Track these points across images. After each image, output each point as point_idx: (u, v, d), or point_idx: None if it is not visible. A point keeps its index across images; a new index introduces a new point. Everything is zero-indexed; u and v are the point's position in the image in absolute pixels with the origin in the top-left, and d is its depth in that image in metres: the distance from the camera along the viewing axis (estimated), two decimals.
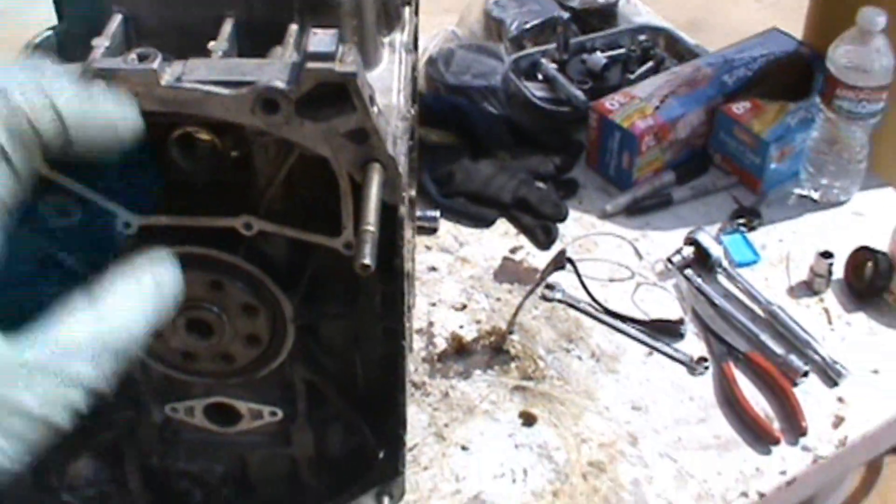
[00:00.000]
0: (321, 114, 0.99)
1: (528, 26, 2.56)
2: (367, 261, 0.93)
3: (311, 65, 0.96)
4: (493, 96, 2.27)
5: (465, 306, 1.87)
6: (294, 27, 1.15)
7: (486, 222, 2.07)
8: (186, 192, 1.17)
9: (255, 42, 1.17)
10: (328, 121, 0.99)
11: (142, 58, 1.00)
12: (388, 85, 1.22)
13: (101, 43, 1.09)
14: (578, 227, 2.06)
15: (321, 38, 0.98)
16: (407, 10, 1.38)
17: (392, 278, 1.17)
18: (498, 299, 1.88)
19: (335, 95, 0.98)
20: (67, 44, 1.23)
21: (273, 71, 0.99)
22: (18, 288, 1.27)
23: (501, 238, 2.03)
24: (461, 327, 1.82)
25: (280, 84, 0.97)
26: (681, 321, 1.84)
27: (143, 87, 0.99)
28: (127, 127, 0.86)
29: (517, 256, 1.99)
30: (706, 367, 1.77)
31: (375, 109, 1.00)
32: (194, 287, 1.19)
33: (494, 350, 1.78)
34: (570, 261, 1.88)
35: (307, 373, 1.30)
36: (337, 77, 0.96)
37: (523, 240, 2.02)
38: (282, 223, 1.13)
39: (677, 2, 2.74)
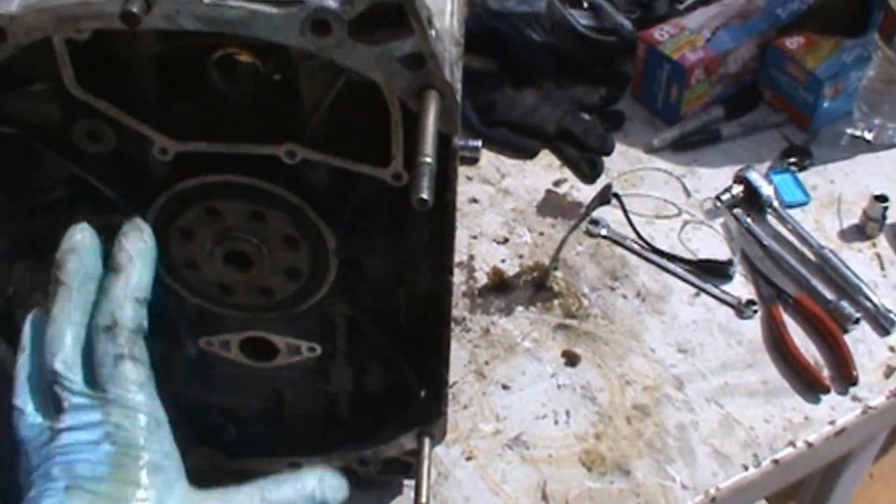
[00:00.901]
0: (375, 36, 0.92)
1: None
2: (424, 195, 0.87)
3: None
4: (536, 23, 2.19)
5: (506, 240, 1.81)
6: None
7: (529, 153, 2.00)
8: (226, 118, 1.11)
9: None
10: (383, 44, 0.92)
11: None
12: (441, 7, 1.16)
13: None
14: (624, 161, 1.99)
15: None
16: None
17: (442, 212, 1.11)
18: (541, 233, 1.82)
19: (391, 17, 0.91)
20: None
21: None
22: (51, 214, 1.23)
23: (545, 170, 1.97)
24: (503, 261, 1.77)
25: (332, 3, 0.90)
26: (729, 262, 1.78)
27: (183, 5, 0.93)
28: None
29: (561, 189, 1.92)
30: (754, 311, 1.72)
31: (433, 33, 0.93)
32: (233, 217, 1.13)
33: (537, 286, 1.72)
34: (616, 195, 1.82)
35: (348, 308, 1.25)
36: None
37: (567, 172, 1.96)
38: (327, 151, 1.07)
39: None
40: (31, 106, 1.09)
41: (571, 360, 1.62)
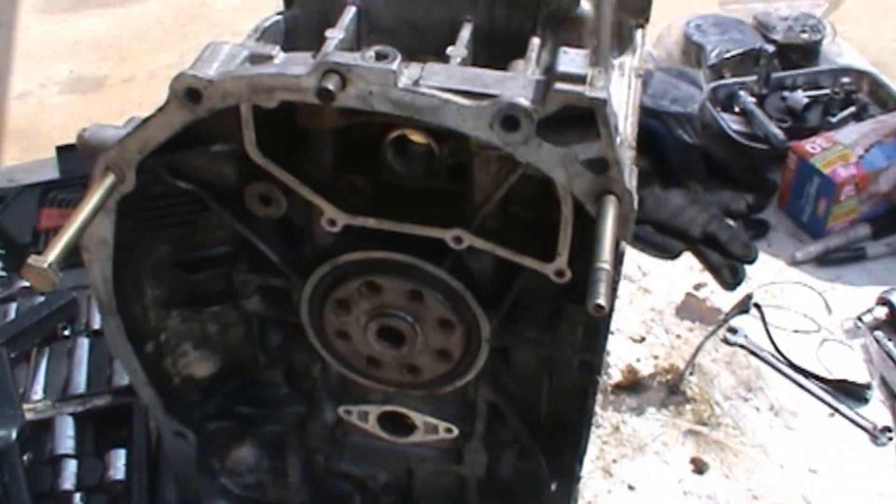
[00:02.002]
0: (563, 138, 0.94)
1: (728, 55, 2.49)
2: (601, 301, 0.87)
3: (559, 85, 0.91)
4: (688, 124, 2.20)
5: (643, 339, 1.81)
6: (536, 41, 1.10)
7: (671, 254, 2.00)
8: (397, 196, 1.13)
9: (491, 50, 1.13)
10: (569, 146, 0.94)
11: (380, 56, 0.96)
12: (616, 110, 1.17)
13: (334, 35, 1.06)
14: (765, 271, 1.98)
15: (572, 58, 0.93)
16: (639, 34, 1.32)
17: None
18: (678, 336, 1.82)
19: (580, 120, 0.92)
20: (296, 30, 1.20)
21: (517, 86, 0.94)
22: (211, 268, 1.26)
23: (686, 272, 1.97)
24: (638, 360, 1.76)
25: (524, 101, 0.92)
26: (867, 385, 1.75)
27: (378, 87, 0.95)
28: None
29: (700, 294, 1.92)
30: (889, 438, 1.68)
31: (619, 139, 0.94)
32: (392, 294, 1.15)
33: (670, 389, 1.71)
34: (757, 306, 1.81)
35: (491, 394, 1.26)
36: (586, 102, 0.91)
37: (708, 277, 1.95)
38: (493, 241, 1.08)
39: (861, 43, 2.64)
40: (210, 165, 1.13)
41: (699, 467, 1.60)
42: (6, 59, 3.45)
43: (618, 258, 1.03)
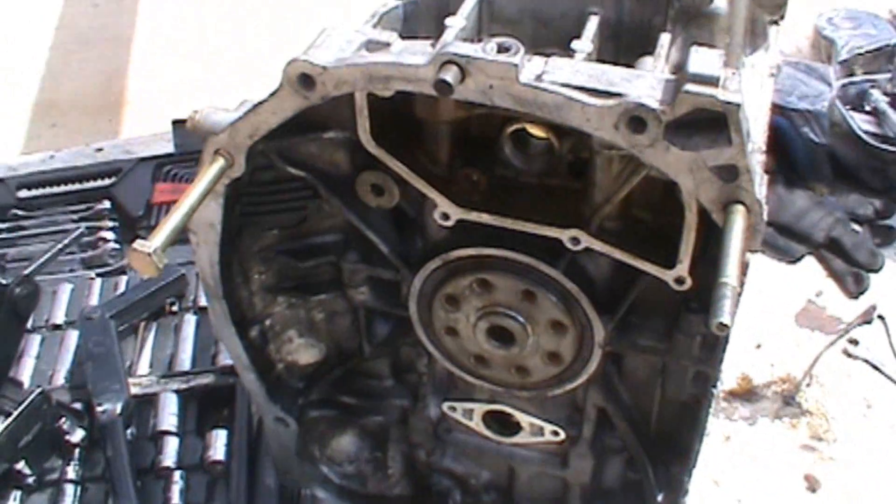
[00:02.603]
0: (691, 142, 0.88)
1: (860, 51, 2.40)
2: (725, 320, 0.83)
3: (691, 87, 0.86)
4: (816, 122, 2.12)
5: (759, 346, 1.74)
6: (666, 37, 1.05)
7: (793, 258, 1.94)
8: (513, 193, 1.09)
9: (618, 44, 1.08)
10: (698, 150, 0.89)
11: (502, 48, 0.92)
12: (748, 113, 1.11)
13: (455, 23, 1.01)
14: (892, 281, 1.89)
15: (705, 58, 0.88)
16: (773, 30, 1.26)
17: None
18: (796, 344, 1.75)
19: (711, 124, 0.87)
20: (415, 16, 1.17)
21: (645, 86, 0.89)
22: (320, 256, 1.25)
23: (807, 278, 1.89)
24: (753, 367, 1.70)
25: (652, 102, 0.87)
26: None
27: (498, 81, 0.91)
28: None
29: (821, 301, 1.85)
30: None
31: (751, 147, 0.89)
32: (504, 293, 1.12)
33: (785, 400, 1.65)
34: (881, 318, 1.74)
35: (601, 400, 1.22)
36: (718, 106, 0.86)
37: (830, 284, 1.88)
38: (612, 244, 1.03)
39: None
40: (322, 152, 1.10)
41: (812, 485, 1.54)
42: (128, 28, 3.49)
43: (745, 269, 0.98)
